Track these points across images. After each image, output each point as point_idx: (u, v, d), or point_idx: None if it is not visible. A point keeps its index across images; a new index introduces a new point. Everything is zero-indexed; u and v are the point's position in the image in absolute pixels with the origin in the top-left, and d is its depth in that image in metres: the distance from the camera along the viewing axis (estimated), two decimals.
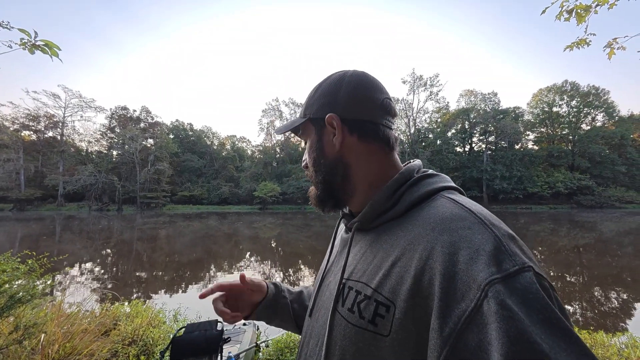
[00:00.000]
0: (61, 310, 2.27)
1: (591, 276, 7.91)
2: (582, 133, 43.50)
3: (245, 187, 42.31)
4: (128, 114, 43.98)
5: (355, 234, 0.57)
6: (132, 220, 24.48)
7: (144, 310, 3.17)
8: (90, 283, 7.14)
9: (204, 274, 8.32)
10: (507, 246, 0.37)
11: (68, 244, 12.89)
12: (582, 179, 38.86)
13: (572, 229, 18.01)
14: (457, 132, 45.55)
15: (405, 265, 0.43)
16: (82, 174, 36.11)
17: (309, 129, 0.60)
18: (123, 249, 12.27)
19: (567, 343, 0.30)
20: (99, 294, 6.13)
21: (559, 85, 45.65)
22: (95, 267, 9.01)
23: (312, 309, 0.60)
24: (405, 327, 0.40)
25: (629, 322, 4.99)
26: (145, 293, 6.48)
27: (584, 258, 10.14)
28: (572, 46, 2.12)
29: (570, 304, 5.90)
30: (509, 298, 0.33)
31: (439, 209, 0.46)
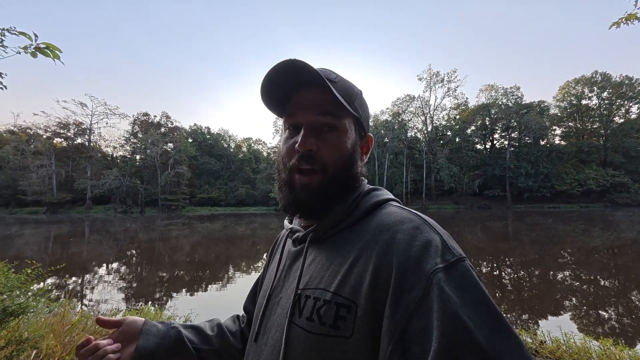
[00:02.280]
0: (65, 318, 2.23)
1: (628, 279, 7.26)
2: (615, 126, 40.69)
3: (261, 188, 42.79)
4: (149, 119, 45.68)
5: (309, 246, 0.56)
6: (154, 222, 25.31)
7: (152, 318, 3.13)
8: (116, 282, 7.32)
9: (222, 275, 8.35)
10: (448, 242, 0.43)
11: (95, 246, 13.43)
12: (616, 176, 36.30)
13: (605, 229, 16.79)
14: (477, 128, 43.87)
15: (364, 264, 0.45)
16: (108, 177, 37.83)
17: (348, 124, 0.56)
18: (144, 250, 12.62)
19: (491, 319, 0.35)
20: (123, 292, 6.26)
21: (588, 77, 42.99)
22: (120, 266, 9.28)
23: (258, 333, 0.56)
24: (367, 324, 0.41)
25: None
26: (167, 293, 6.56)
27: (619, 260, 9.37)
28: (619, 22, 1.83)
29: (604, 310, 5.41)
30: (448, 284, 0.38)
31: (390, 214, 0.51)
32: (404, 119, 44.16)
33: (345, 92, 0.54)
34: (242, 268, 9.26)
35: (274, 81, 0.54)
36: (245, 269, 9.12)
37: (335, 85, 0.53)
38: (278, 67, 0.51)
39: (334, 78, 0.54)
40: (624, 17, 1.80)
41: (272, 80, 0.54)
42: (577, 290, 6.71)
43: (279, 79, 0.53)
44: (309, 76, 0.51)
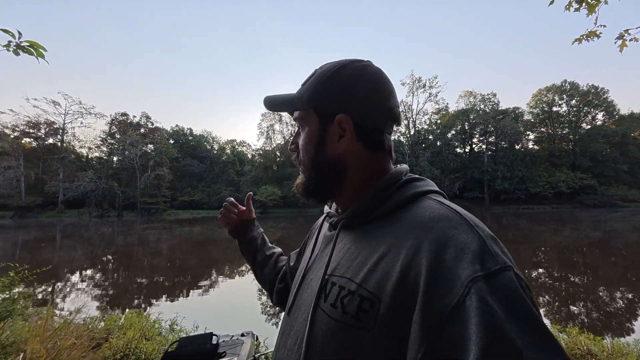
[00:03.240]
0: (48, 323, 2.16)
1: (596, 276, 7.77)
2: (583, 132, 43.39)
3: (245, 191, 42.18)
4: (128, 119, 44.03)
5: (340, 232, 0.57)
6: (132, 226, 24.37)
7: (138, 321, 3.05)
8: (89, 291, 7.02)
9: (205, 279, 8.19)
10: (490, 246, 0.39)
11: (68, 251, 12.78)
12: (584, 178, 38.64)
13: (575, 229, 17.84)
14: (457, 133, 45.48)
15: (392, 260, 0.43)
16: (83, 180, 36.04)
17: (310, 118, 0.57)
18: (122, 255, 12.15)
19: (541, 340, 0.32)
20: (97, 303, 6.01)
21: (558, 85, 45.64)
22: (95, 274, 8.90)
23: (291, 307, 0.59)
24: (389, 322, 0.40)
25: (635, 323, 4.86)
26: (146, 300, 6.36)
27: (588, 258, 9.99)
28: (580, 39, 2.02)
29: (575, 305, 5.77)
30: (490, 295, 0.34)
31: (426, 209, 0.47)
32: None
33: (310, 85, 0.56)
34: (225, 272, 9.12)
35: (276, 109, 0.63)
36: (229, 273, 8.99)
37: (305, 83, 0.58)
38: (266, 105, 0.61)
39: (307, 78, 0.58)
40: (584, 34, 2.00)
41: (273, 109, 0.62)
42: (549, 287, 7.11)
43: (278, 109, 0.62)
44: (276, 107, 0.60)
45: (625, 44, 1.90)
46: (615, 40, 1.92)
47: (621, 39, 1.89)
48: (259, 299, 6.16)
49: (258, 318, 5.15)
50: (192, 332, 3.27)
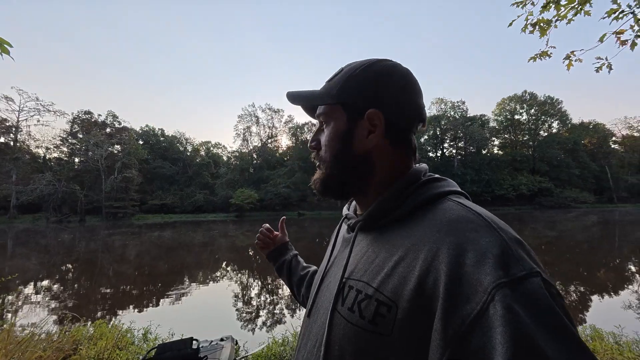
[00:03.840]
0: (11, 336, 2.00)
1: (553, 272, 8.45)
2: (541, 139, 47.24)
3: (221, 194, 41.10)
4: (92, 118, 41.34)
5: (358, 234, 0.57)
6: (96, 232, 22.82)
7: (109, 331, 2.89)
8: (48, 303, 6.50)
9: (178, 286, 7.88)
10: (515, 250, 0.37)
11: (21, 260, 11.72)
12: (542, 182, 42.02)
13: (535, 229, 19.26)
14: (429, 138, 47.57)
15: (409, 265, 0.42)
16: (39, 183, 33.21)
17: (337, 114, 0.56)
18: (85, 263, 11.36)
19: (572, 351, 0.30)
20: (58, 315, 5.59)
21: (519, 95, 49.37)
22: (54, 284, 8.25)
23: (311, 310, 0.59)
24: (407, 328, 0.39)
25: (587, 314, 5.36)
26: (112, 311, 6.00)
27: (546, 256, 10.82)
28: (535, 57, 2.28)
29: None
30: (516, 303, 0.32)
31: (446, 212, 0.45)
32: None
33: (338, 82, 0.55)
34: (198, 278, 8.84)
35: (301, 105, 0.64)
36: (202, 278, 8.73)
37: (332, 80, 0.57)
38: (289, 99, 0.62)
39: (333, 74, 0.57)
40: (538, 54, 2.26)
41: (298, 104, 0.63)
42: None
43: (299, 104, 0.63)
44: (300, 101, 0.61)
45: (572, 63, 2.18)
46: (563, 60, 2.19)
47: (568, 59, 2.17)
48: (234, 305, 6.06)
49: (236, 323, 5.06)
50: (168, 339, 3.16)
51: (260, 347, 2.84)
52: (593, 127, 49.83)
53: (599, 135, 48.67)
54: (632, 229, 18.37)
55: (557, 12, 1.93)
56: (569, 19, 1.96)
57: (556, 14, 1.95)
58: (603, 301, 5.90)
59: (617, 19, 1.89)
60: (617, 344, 2.86)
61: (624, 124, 52.94)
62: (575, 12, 1.88)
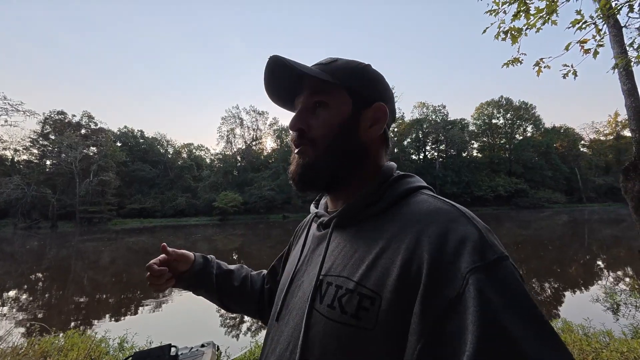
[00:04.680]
0: None
1: (529, 269, 8.82)
2: (516, 142, 49.50)
3: (203, 197, 40.13)
4: (66, 119, 39.30)
5: (333, 231, 0.55)
6: (68, 238, 21.67)
7: (81, 342, 2.74)
8: (14, 314, 6.09)
9: (156, 294, 7.61)
10: (488, 237, 0.39)
11: None
12: (518, 183, 43.98)
13: (511, 228, 20.06)
14: (412, 140, 48.77)
15: (391, 256, 0.43)
16: (6, 187, 31.16)
17: (339, 97, 0.54)
18: (55, 271, 10.75)
19: (537, 328, 0.32)
20: (26, 327, 5.24)
21: (496, 100, 51.55)
22: (21, 294, 7.75)
23: (279, 313, 0.56)
24: (391, 318, 0.39)
25: (560, 308, 5.63)
26: (86, 321, 5.71)
27: (522, 253, 11.29)
28: (508, 63, 2.40)
29: None
30: (488, 285, 0.34)
31: (423, 203, 0.47)
32: None
33: (338, 69, 0.54)
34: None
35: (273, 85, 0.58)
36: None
37: (327, 66, 0.55)
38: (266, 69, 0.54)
39: (327, 61, 0.56)
40: (510, 60, 2.39)
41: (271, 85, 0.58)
42: None
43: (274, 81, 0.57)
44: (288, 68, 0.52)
45: (541, 69, 2.32)
46: (533, 66, 2.33)
47: (537, 66, 2.30)
48: (217, 310, 5.92)
49: (217, 329, 4.94)
50: (145, 348, 3.04)
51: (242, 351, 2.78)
52: (564, 132, 52.75)
53: (569, 139, 51.63)
54: (599, 227, 19.54)
55: (527, 20, 2.05)
56: (537, 28, 2.08)
57: (526, 23, 2.07)
58: (574, 296, 6.22)
59: (580, 28, 2.03)
60: (585, 335, 3.02)
61: (592, 129, 56.46)
62: (543, 21, 2.01)
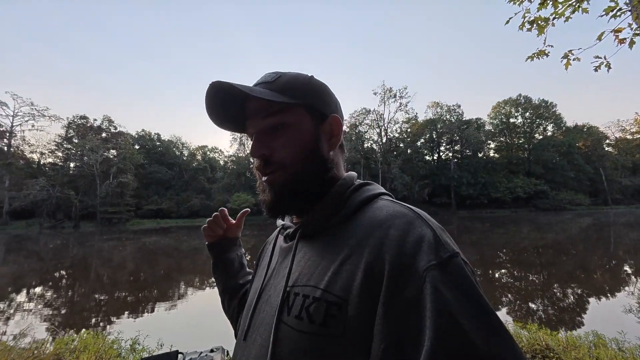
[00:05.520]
0: None
1: (550, 275, 8.40)
2: (536, 142, 47.67)
3: (217, 198, 40.80)
4: (88, 123, 40.93)
5: (299, 242, 0.55)
6: (90, 238, 22.49)
7: (94, 343, 2.77)
8: (35, 311, 6.31)
9: (171, 294, 7.72)
10: (442, 237, 0.42)
11: (9, 268, 11.46)
12: (537, 184, 42.29)
13: (531, 231, 19.28)
14: (425, 141, 47.84)
15: (356, 261, 0.43)
16: (33, 188, 32.69)
17: (297, 116, 0.53)
18: (77, 270, 11.13)
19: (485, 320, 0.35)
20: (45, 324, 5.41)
21: (514, 99, 49.88)
22: (44, 292, 8.04)
23: (247, 331, 0.54)
24: (359, 323, 0.40)
25: (585, 317, 5.30)
26: (102, 319, 5.84)
27: (542, 258, 10.79)
28: (532, 57, 2.24)
29: (533, 302, 6.18)
30: (442, 282, 0.36)
31: (383, 208, 0.49)
32: (360, 131, 46.19)
33: (286, 86, 0.53)
34: (194, 284, 8.68)
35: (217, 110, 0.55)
36: (198, 285, 8.57)
37: (273, 84, 0.53)
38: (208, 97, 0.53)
39: (272, 78, 0.54)
40: (535, 53, 2.22)
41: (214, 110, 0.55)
42: (510, 285, 7.57)
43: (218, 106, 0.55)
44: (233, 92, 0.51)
45: (570, 62, 2.15)
46: (561, 59, 2.16)
47: (566, 58, 2.13)
48: None
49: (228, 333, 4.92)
50: (156, 351, 3.03)
51: None
52: (587, 130, 50.42)
53: (592, 138, 49.24)
54: (626, 230, 18.47)
55: (555, 9, 1.89)
56: (566, 17, 1.91)
57: (554, 12, 1.92)
58: (601, 304, 5.85)
59: (615, 16, 1.86)
60: (620, 351, 2.79)
61: (617, 127, 53.72)
62: (573, 9, 1.85)
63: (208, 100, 0.53)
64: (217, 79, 0.50)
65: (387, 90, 46.23)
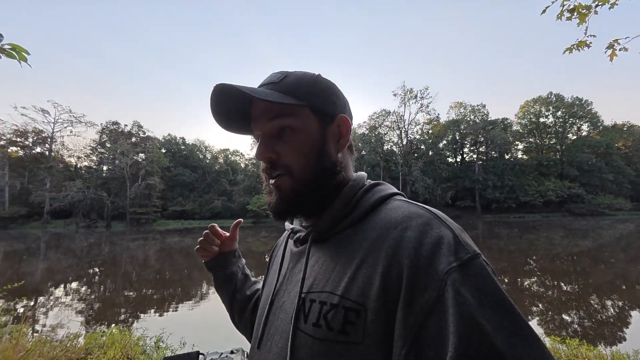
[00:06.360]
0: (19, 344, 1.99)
1: (586, 285, 7.80)
2: (569, 142, 44.73)
3: (238, 200, 41.72)
4: (119, 128, 43.47)
5: (311, 246, 0.53)
6: (120, 237, 23.72)
7: (120, 339, 2.87)
8: (70, 306, 6.69)
9: (195, 292, 7.94)
10: (461, 237, 0.40)
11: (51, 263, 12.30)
12: (571, 187, 39.53)
13: (565, 237, 18.06)
14: (448, 142, 46.28)
15: (372, 265, 0.42)
16: (70, 190, 35.12)
17: (304, 117, 0.52)
18: (108, 268, 11.74)
19: (509, 321, 0.34)
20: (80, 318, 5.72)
21: (544, 97, 47.16)
22: (80, 287, 8.54)
23: (261, 339, 0.53)
24: (378, 328, 0.39)
25: (626, 330, 4.86)
26: (129, 316, 6.09)
27: (578, 266, 10.07)
28: (571, 48, 2.06)
29: (567, 314, 5.76)
30: (463, 284, 0.35)
31: (397, 210, 0.47)
32: (380, 133, 45.56)
33: (292, 86, 0.51)
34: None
35: (222, 113, 0.55)
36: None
37: (278, 84, 0.51)
38: (213, 100, 0.52)
39: (277, 79, 0.52)
40: (575, 44, 2.04)
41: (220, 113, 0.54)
42: (542, 295, 7.10)
43: (223, 109, 0.54)
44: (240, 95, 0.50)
45: (615, 53, 1.96)
46: (605, 49, 1.97)
47: (611, 49, 1.95)
48: None
49: None
50: (179, 349, 3.10)
51: None
52: (627, 129, 46.68)
53: (634, 138, 45.47)
54: None
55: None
56: (612, 3, 1.74)
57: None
58: None
59: None
60: None
61: None
62: None
63: (213, 103, 0.52)
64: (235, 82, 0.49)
65: (407, 91, 45.37)
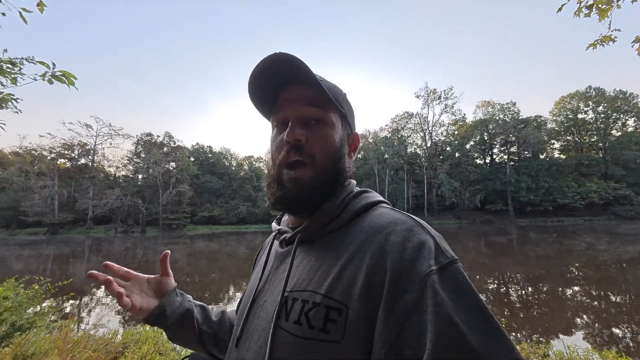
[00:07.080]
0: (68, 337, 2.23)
1: (637, 295, 7.11)
2: (613, 139, 41.06)
3: (262, 206, 42.67)
4: (152, 139, 46.41)
5: (297, 246, 0.55)
6: (153, 242, 25.12)
7: (153, 336, 3.08)
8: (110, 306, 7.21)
9: (222, 294, 8.23)
10: (441, 244, 0.43)
11: (94, 265, 13.31)
12: (617, 188, 36.14)
13: (612, 242, 16.55)
14: (476, 143, 44.25)
15: (357, 266, 0.44)
16: (110, 197, 37.91)
17: (335, 120, 0.56)
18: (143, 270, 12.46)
19: (484, 322, 0.36)
20: (118, 317, 6.16)
21: (582, 92, 43.87)
22: None
23: (240, 338, 0.53)
24: (359, 328, 0.40)
25: None
26: None
27: (629, 274, 9.19)
28: (595, 44, 1.96)
29: (617, 327, 5.28)
30: (441, 286, 0.37)
31: (382, 216, 0.50)
32: (403, 135, 44.67)
33: (331, 89, 0.55)
34: (243, 288, 9.12)
35: (264, 79, 0.54)
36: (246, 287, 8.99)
37: (322, 81, 0.54)
38: (267, 63, 0.51)
39: (320, 78, 0.55)
40: (599, 40, 1.94)
41: (261, 78, 0.54)
42: (587, 306, 6.57)
43: (269, 74, 0.53)
44: (299, 72, 0.51)
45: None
46: (632, 43, 1.85)
47: (638, 42, 1.83)
48: None
49: None
50: None
51: None
52: None
53: None
54: None
55: None
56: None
57: None
58: None
59: None
60: None
61: None
62: None
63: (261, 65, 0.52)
64: None
65: (430, 92, 44.25)
